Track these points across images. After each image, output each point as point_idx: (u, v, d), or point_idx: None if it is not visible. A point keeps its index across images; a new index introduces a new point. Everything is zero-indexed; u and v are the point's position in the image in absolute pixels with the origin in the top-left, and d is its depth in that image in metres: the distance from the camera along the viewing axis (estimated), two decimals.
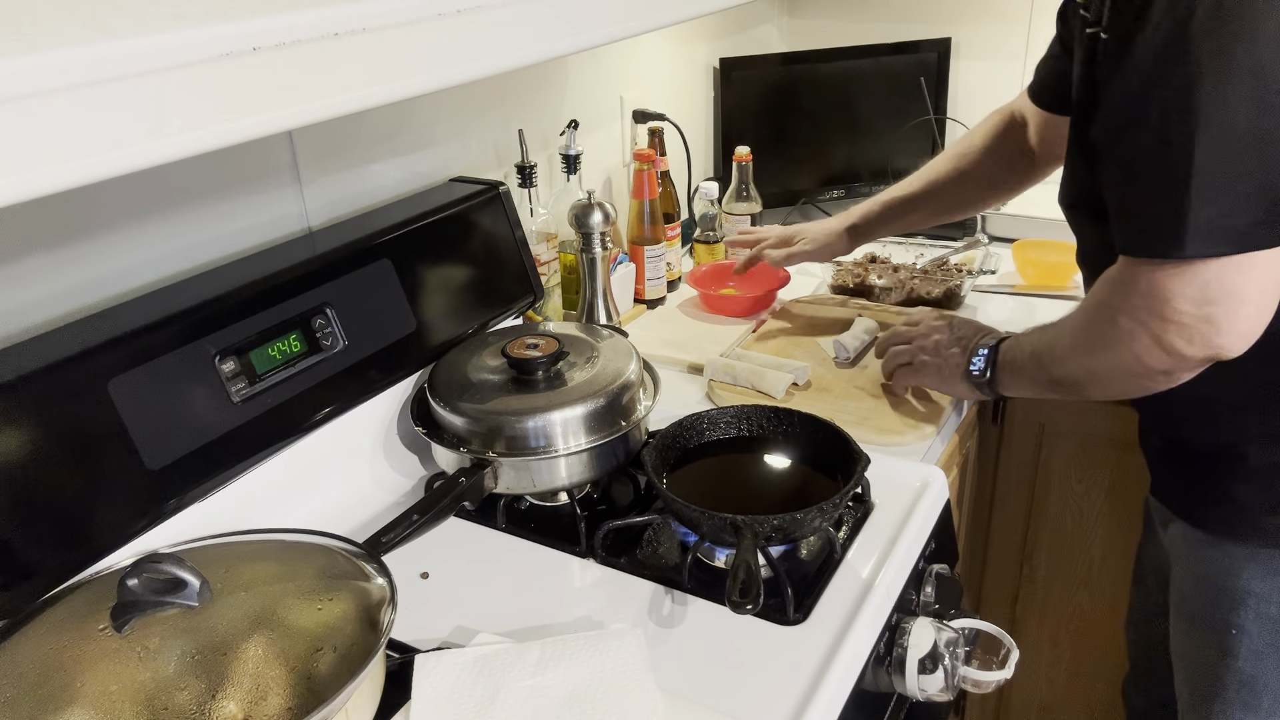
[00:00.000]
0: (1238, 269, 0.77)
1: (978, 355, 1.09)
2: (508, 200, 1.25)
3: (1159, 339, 0.82)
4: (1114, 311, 0.86)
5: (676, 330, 1.50)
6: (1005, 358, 1.06)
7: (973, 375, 1.09)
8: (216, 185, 1.01)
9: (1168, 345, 0.82)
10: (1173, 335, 0.81)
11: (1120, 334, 0.85)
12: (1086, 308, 0.92)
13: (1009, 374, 1.06)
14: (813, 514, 0.89)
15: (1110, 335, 0.87)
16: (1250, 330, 0.80)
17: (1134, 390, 0.91)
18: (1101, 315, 0.88)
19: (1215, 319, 0.79)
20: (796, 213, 1.93)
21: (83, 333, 0.84)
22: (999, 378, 1.07)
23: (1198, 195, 0.76)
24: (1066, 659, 1.67)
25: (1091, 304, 0.91)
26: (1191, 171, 0.75)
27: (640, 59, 1.68)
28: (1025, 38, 1.89)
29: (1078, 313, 0.94)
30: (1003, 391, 1.08)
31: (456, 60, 0.67)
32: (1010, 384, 1.07)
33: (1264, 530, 0.93)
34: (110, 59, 0.46)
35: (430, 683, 0.77)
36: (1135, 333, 0.84)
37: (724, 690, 0.81)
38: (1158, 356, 0.83)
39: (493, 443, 1.00)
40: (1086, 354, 0.92)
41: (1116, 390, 0.93)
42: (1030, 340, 1.03)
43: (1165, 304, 0.80)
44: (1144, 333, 0.83)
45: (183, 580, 0.69)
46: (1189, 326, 0.80)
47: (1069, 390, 0.98)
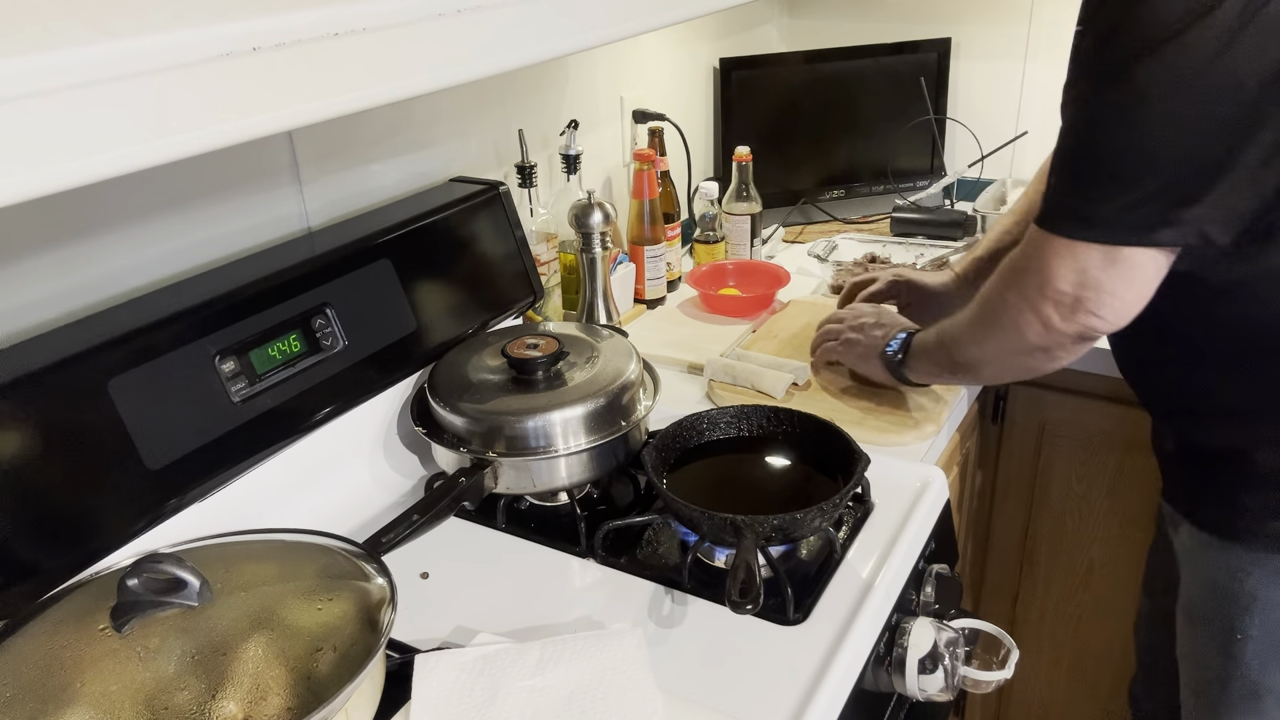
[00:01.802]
0: (1115, 260, 0.83)
1: (896, 338, 1.16)
2: (508, 200, 1.25)
3: (1038, 312, 0.89)
4: (1005, 286, 0.93)
5: (676, 330, 1.50)
6: (917, 342, 1.13)
7: (887, 355, 1.16)
8: (216, 185, 1.01)
9: (1045, 318, 0.89)
10: (1050, 310, 0.88)
11: (1008, 308, 0.92)
12: (984, 290, 0.98)
13: (917, 358, 1.13)
14: (813, 514, 0.89)
15: (1000, 311, 0.94)
16: (1117, 318, 0.87)
17: (1019, 370, 0.98)
18: (994, 293, 0.96)
19: (1086, 302, 0.86)
20: (796, 212, 1.93)
21: (83, 333, 0.84)
22: (909, 362, 1.14)
23: (1095, 186, 0.83)
24: (1066, 659, 1.67)
25: (988, 286, 0.97)
26: (1094, 164, 0.84)
27: (640, 59, 1.68)
28: (1025, 38, 1.89)
29: (977, 296, 1.01)
30: (910, 376, 1.15)
31: (456, 60, 0.67)
32: (918, 368, 1.14)
33: (1270, 535, 0.92)
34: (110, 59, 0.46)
35: (430, 683, 0.77)
36: (1020, 306, 0.91)
37: (724, 690, 0.81)
38: (1036, 331, 0.90)
39: (493, 443, 1.00)
40: (981, 330, 0.98)
41: (1005, 370, 1.00)
42: (939, 326, 1.10)
43: (1048, 280, 0.87)
44: (1026, 306, 0.90)
45: (183, 580, 0.69)
46: (1064, 305, 0.87)
47: (967, 373, 1.06)
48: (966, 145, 1.97)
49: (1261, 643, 0.95)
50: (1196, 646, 1.03)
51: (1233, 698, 0.99)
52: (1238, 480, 0.94)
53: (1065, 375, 1.46)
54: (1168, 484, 1.06)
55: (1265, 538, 0.93)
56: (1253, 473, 0.93)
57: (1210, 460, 0.97)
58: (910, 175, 1.98)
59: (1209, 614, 1.00)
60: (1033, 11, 1.86)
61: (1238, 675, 0.98)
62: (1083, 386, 1.46)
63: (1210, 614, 1.00)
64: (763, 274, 1.61)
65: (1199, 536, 1.00)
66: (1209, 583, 0.99)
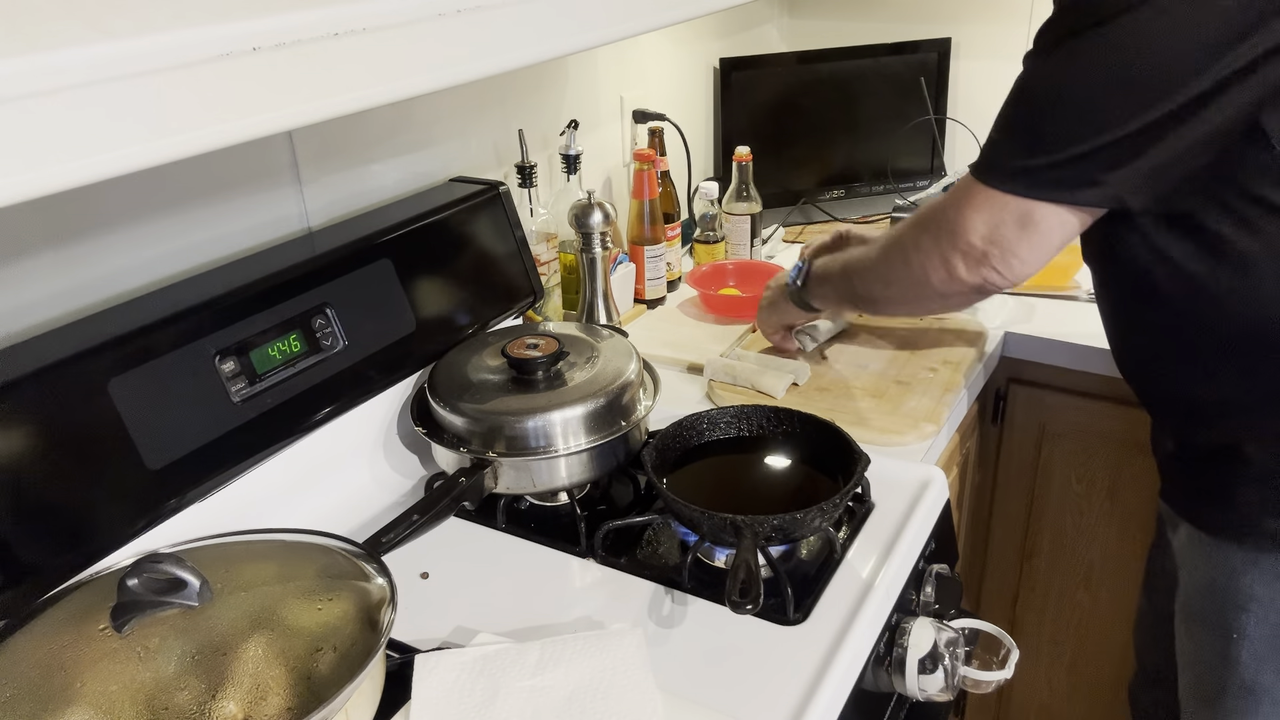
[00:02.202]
0: (1027, 221, 0.88)
1: (795, 267, 1.22)
2: (508, 200, 1.25)
3: (946, 260, 0.94)
4: (920, 231, 0.98)
5: (676, 330, 1.50)
6: (818, 267, 1.19)
7: (790, 287, 1.22)
8: (216, 185, 1.01)
9: (951, 267, 0.94)
10: (957, 260, 0.93)
11: (919, 252, 0.97)
12: (895, 230, 1.03)
13: (818, 282, 1.19)
14: (813, 514, 0.89)
15: (910, 253, 0.99)
16: (1015, 277, 0.92)
17: (916, 310, 1.09)
18: (907, 236, 1.00)
19: (991, 257, 0.91)
20: (797, 212, 1.93)
21: (83, 333, 0.84)
22: (810, 287, 1.20)
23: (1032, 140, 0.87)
24: (1066, 659, 1.67)
25: (900, 226, 1.02)
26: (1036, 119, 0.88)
27: (640, 59, 1.68)
28: (1025, 38, 1.88)
29: (886, 233, 1.05)
30: (811, 300, 1.21)
31: (456, 60, 0.67)
32: (818, 292, 1.19)
33: (1267, 534, 0.92)
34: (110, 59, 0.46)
35: (430, 683, 0.77)
36: (930, 252, 0.96)
37: (724, 690, 0.81)
38: (940, 277, 0.95)
39: (493, 443, 1.00)
40: (886, 268, 1.03)
41: (903, 308, 1.09)
42: (845, 256, 1.15)
43: (961, 232, 0.92)
44: (936, 253, 0.95)
45: (183, 580, 0.69)
46: (971, 257, 0.92)
47: (867, 305, 1.12)
48: (966, 145, 1.96)
49: (1258, 643, 0.95)
50: (1194, 646, 1.03)
51: (1229, 698, 0.99)
52: (1234, 478, 0.94)
53: (1065, 375, 1.46)
54: (1166, 484, 1.06)
55: (1262, 536, 0.93)
56: (1248, 471, 0.93)
57: (1207, 458, 0.97)
58: (910, 175, 1.98)
59: (1206, 614, 1.00)
60: (1033, 11, 1.86)
61: (1234, 676, 0.98)
62: (1083, 386, 1.46)
63: (1207, 614, 1.00)
64: (763, 274, 1.61)
65: (1197, 536, 1.00)
66: (1206, 582, 0.99)
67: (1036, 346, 1.45)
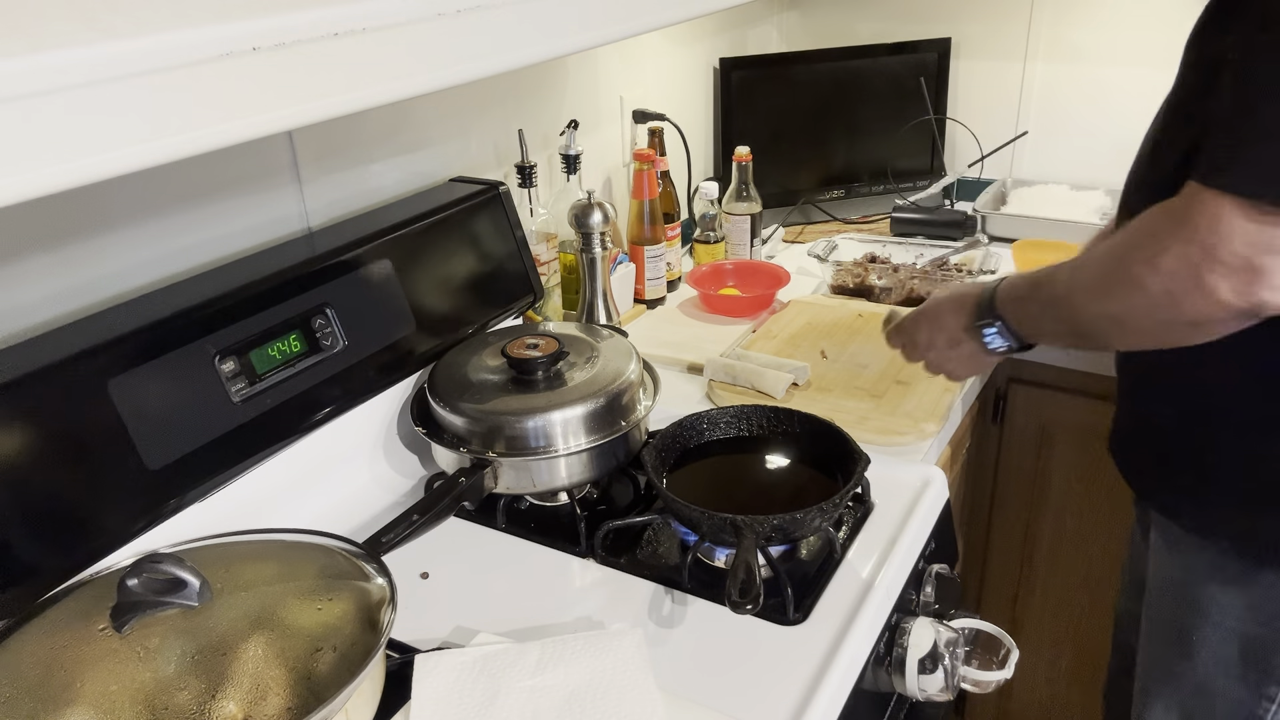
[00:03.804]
0: None
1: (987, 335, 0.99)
2: (508, 200, 1.25)
3: (1200, 279, 0.74)
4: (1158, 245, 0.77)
5: (676, 330, 1.50)
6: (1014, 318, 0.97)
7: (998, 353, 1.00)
8: (216, 185, 1.01)
9: (1209, 287, 0.74)
10: (1217, 277, 0.74)
11: (1159, 271, 0.77)
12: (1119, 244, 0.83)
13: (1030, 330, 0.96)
14: (813, 514, 0.89)
15: (1145, 273, 0.78)
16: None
17: (1160, 339, 0.84)
18: (1139, 250, 0.79)
19: (1266, 270, 0.72)
20: (796, 212, 1.93)
21: (83, 333, 0.84)
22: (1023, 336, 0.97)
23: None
24: (1066, 659, 1.67)
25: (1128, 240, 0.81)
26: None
27: (640, 59, 1.68)
28: (1025, 38, 1.89)
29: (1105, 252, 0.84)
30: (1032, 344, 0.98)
31: (456, 60, 0.67)
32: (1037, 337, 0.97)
33: (1227, 525, 0.92)
34: (110, 59, 0.46)
35: (430, 683, 0.77)
36: (1176, 271, 0.76)
37: (724, 690, 0.81)
38: (1194, 301, 0.75)
39: (493, 443, 1.00)
40: (1109, 296, 0.83)
41: (1140, 338, 0.85)
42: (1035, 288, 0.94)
43: (1222, 241, 0.73)
44: (1186, 271, 0.75)
45: (183, 580, 0.69)
46: (1237, 271, 0.73)
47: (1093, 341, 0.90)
48: (966, 145, 1.97)
49: (1214, 645, 0.95)
50: (1153, 645, 1.03)
51: (1183, 697, 0.99)
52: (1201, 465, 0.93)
53: (1065, 375, 1.46)
54: (1135, 475, 1.04)
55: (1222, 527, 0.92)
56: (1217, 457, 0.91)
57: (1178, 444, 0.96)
58: (910, 175, 1.98)
59: (1166, 614, 1.00)
60: (1033, 11, 1.86)
61: (1188, 675, 0.98)
62: (1083, 386, 1.46)
63: (1167, 615, 1.00)
64: (763, 274, 1.61)
65: (1166, 534, 0.99)
66: (1168, 583, 0.99)
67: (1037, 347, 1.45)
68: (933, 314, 1.06)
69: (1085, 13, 1.81)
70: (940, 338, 1.04)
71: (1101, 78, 1.83)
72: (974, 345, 1.01)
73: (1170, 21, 1.71)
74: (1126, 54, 1.80)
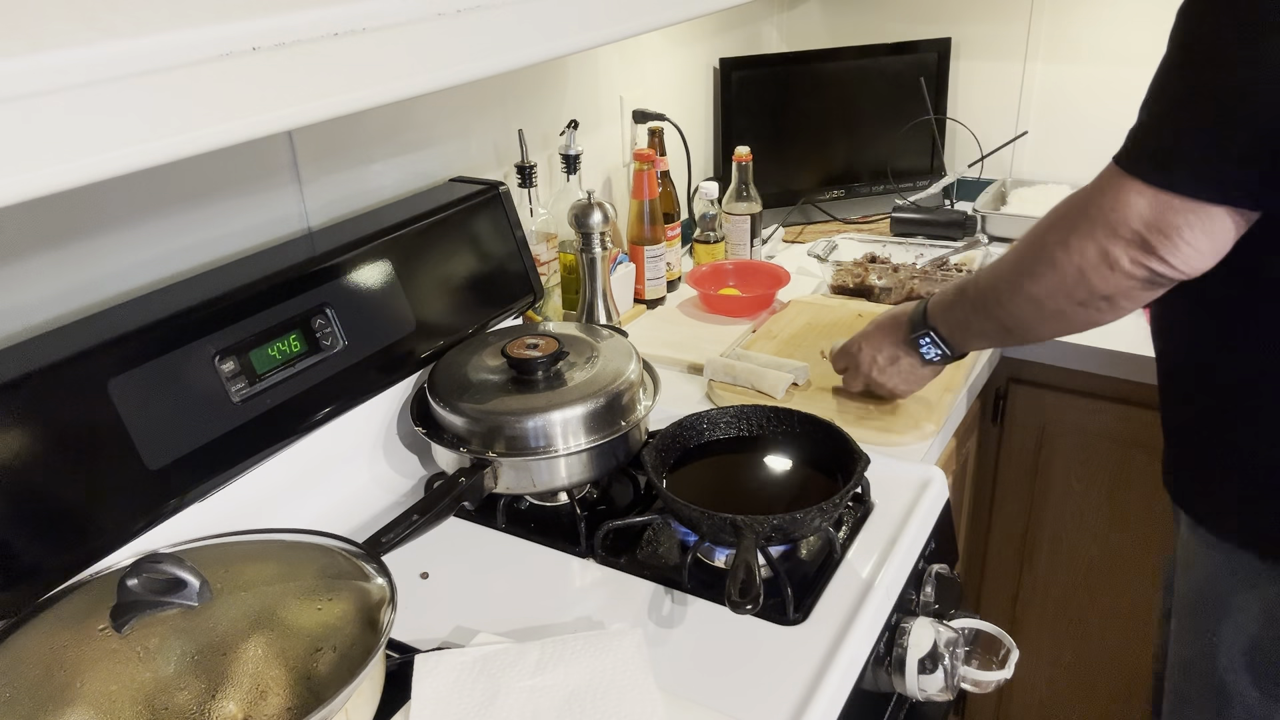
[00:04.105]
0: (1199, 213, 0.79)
1: (923, 345, 1.10)
2: (508, 200, 1.25)
3: (1106, 252, 0.84)
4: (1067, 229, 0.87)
5: (676, 330, 1.50)
6: (945, 325, 1.07)
7: (934, 363, 1.12)
8: (216, 185, 1.01)
9: (1112, 259, 0.84)
10: (1119, 251, 0.83)
11: (1069, 249, 0.86)
12: (1033, 233, 0.92)
13: (960, 335, 1.07)
14: (813, 514, 0.89)
15: (1057, 253, 0.88)
16: (1189, 268, 0.82)
17: (1077, 321, 0.91)
18: (1052, 233, 0.89)
19: (1159, 246, 0.81)
20: (796, 212, 1.93)
21: (83, 333, 0.84)
22: (954, 344, 1.09)
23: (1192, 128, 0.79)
24: (1066, 659, 1.67)
25: (1041, 226, 0.91)
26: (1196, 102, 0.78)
27: (640, 59, 1.68)
28: (1025, 38, 1.89)
29: (1020, 243, 0.94)
30: (963, 351, 1.10)
31: (456, 60, 0.67)
32: (966, 342, 1.08)
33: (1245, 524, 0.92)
34: (110, 59, 0.46)
35: (430, 683, 0.77)
36: (1084, 247, 0.85)
37: (724, 690, 0.81)
38: (1101, 274, 0.85)
39: (493, 443, 1.00)
40: (1030, 279, 0.91)
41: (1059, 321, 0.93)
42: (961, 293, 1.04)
43: (1122, 219, 0.82)
44: (1093, 245, 0.84)
45: (183, 580, 0.69)
46: (1135, 246, 0.82)
47: (1018, 331, 0.98)
48: (966, 145, 1.97)
49: (1234, 649, 0.95)
50: (1177, 645, 1.04)
51: (1203, 699, 0.99)
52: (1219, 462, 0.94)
53: (1065, 375, 1.46)
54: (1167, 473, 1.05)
55: (1235, 526, 0.93)
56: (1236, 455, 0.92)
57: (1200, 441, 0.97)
58: (910, 175, 1.98)
59: (1189, 615, 1.01)
60: (1033, 11, 1.86)
61: (1208, 677, 0.98)
62: (1083, 386, 1.46)
63: (1190, 615, 1.00)
64: (763, 274, 1.61)
65: (1191, 535, 1.00)
66: (1193, 585, 1.00)
67: (1036, 346, 1.45)
68: (871, 335, 1.17)
69: (1085, 12, 1.81)
70: (881, 356, 1.15)
71: (1101, 77, 1.83)
72: (911, 359, 1.12)
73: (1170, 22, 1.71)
74: (1127, 54, 1.80)
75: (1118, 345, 1.39)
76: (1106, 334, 1.42)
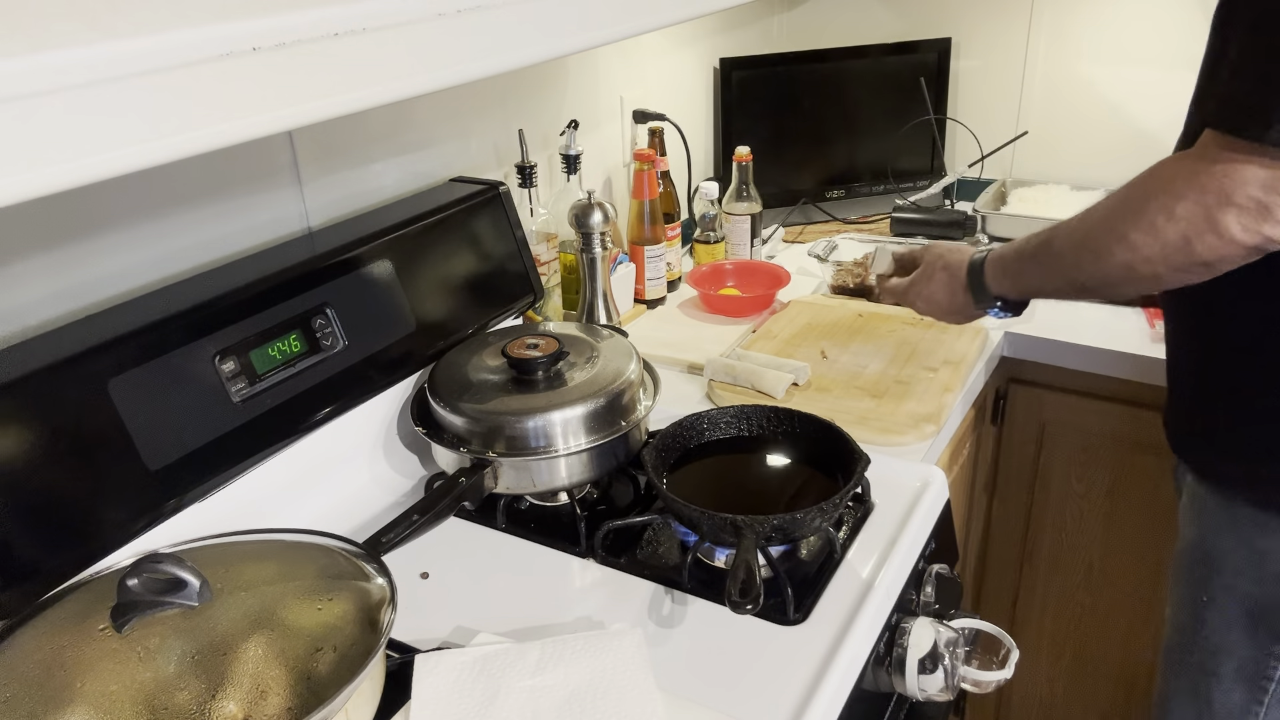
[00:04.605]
0: None
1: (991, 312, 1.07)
2: (508, 200, 1.25)
3: (1215, 222, 0.80)
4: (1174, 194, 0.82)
5: (676, 330, 1.50)
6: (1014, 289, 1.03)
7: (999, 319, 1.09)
8: (216, 185, 1.01)
9: (1222, 228, 0.80)
10: (1230, 219, 0.79)
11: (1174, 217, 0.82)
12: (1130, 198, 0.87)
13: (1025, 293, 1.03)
14: (813, 514, 0.89)
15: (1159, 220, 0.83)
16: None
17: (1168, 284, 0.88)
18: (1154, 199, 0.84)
19: (1274, 208, 0.77)
20: (797, 212, 1.93)
21: (83, 333, 0.84)
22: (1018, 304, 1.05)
23: None
24: (1066, 659, 1.67)
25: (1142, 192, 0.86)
26: None
27: (640, 59, 1.68)
28: (1025, 38, 1.89)
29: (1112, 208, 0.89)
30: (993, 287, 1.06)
31: (456, 60, 0.67)
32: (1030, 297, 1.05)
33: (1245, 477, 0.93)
34: (110, 59, 0.46)
35: (430, 683, 0.77)
36: (1192, 215, 0.81)
37: (724, 690, 0.81)
38: (1208, 242, 0.81)
39: (493, 443, 1.00)
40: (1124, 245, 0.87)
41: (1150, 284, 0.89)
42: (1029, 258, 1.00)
43: (1236, 184, 0.78)
44: (1201, 213, 0.80)
45: (183, 580, 0.69)
46: (1249, 212, 0.78)
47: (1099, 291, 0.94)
48: (966, 145, 1.97)
49: (1225, 607, 0.97)
50: (1173, 606, 1.06)
51: (1195, 658, 1.01)
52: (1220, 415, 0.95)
53: (1065, 375, 1.46)
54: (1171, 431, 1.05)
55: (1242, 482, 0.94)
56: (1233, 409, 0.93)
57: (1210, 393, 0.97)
58: (910, 175, 1.98)
59: (1184, 575, 1.02)
60: (1033, 11, 1.86)
61: (1200, 637, 1.00)
62: (1083, 386, 1.46)
63: (1185, 575, 1.02)
64: (763, 274, 1.61)
65: (1193, 490, 1.01)
66: (1188, 544, 1.01)
67: (1036, 346, 1.45)
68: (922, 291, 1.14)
69: (1085, 13, 1.81)
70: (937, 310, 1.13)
71: (1101, 77, 1.83)
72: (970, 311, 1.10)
73: (1170, 21, 1.71)
74: (1127, 54, 1.80)
75: (1118, 345, 1.39)
76: (1106, 334, 1.42)
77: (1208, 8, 0.87)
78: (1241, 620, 0.96)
